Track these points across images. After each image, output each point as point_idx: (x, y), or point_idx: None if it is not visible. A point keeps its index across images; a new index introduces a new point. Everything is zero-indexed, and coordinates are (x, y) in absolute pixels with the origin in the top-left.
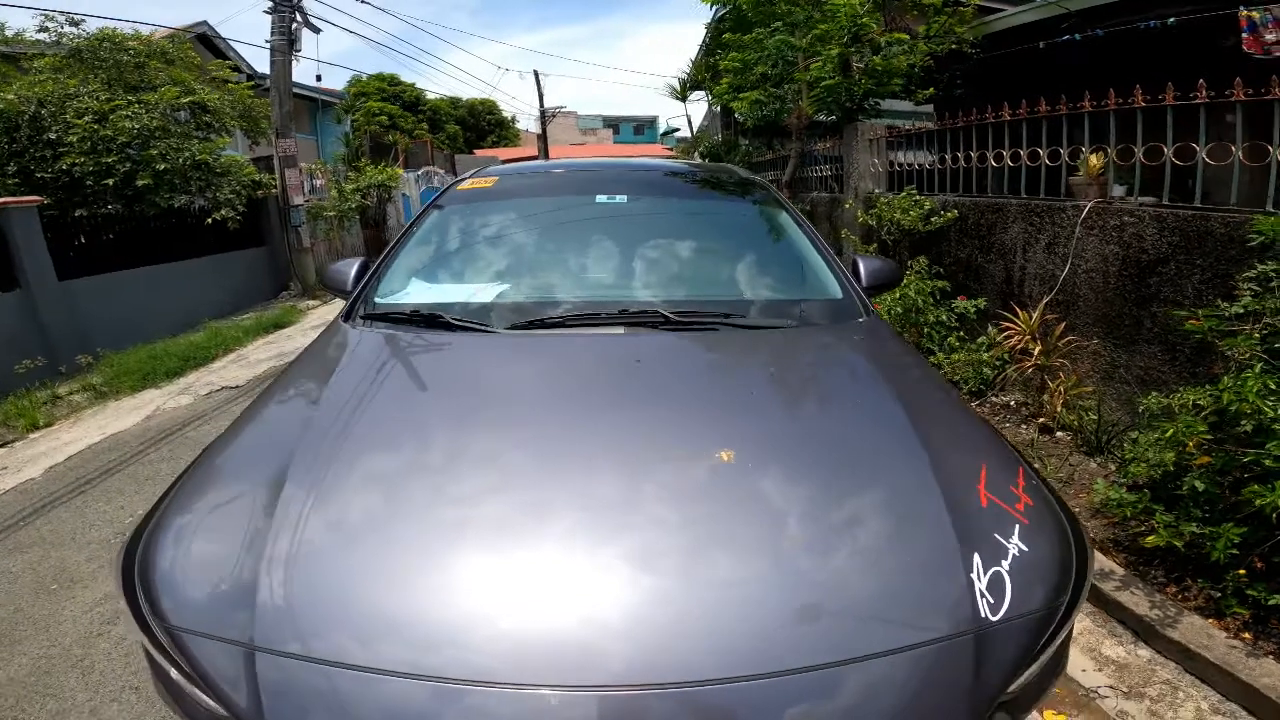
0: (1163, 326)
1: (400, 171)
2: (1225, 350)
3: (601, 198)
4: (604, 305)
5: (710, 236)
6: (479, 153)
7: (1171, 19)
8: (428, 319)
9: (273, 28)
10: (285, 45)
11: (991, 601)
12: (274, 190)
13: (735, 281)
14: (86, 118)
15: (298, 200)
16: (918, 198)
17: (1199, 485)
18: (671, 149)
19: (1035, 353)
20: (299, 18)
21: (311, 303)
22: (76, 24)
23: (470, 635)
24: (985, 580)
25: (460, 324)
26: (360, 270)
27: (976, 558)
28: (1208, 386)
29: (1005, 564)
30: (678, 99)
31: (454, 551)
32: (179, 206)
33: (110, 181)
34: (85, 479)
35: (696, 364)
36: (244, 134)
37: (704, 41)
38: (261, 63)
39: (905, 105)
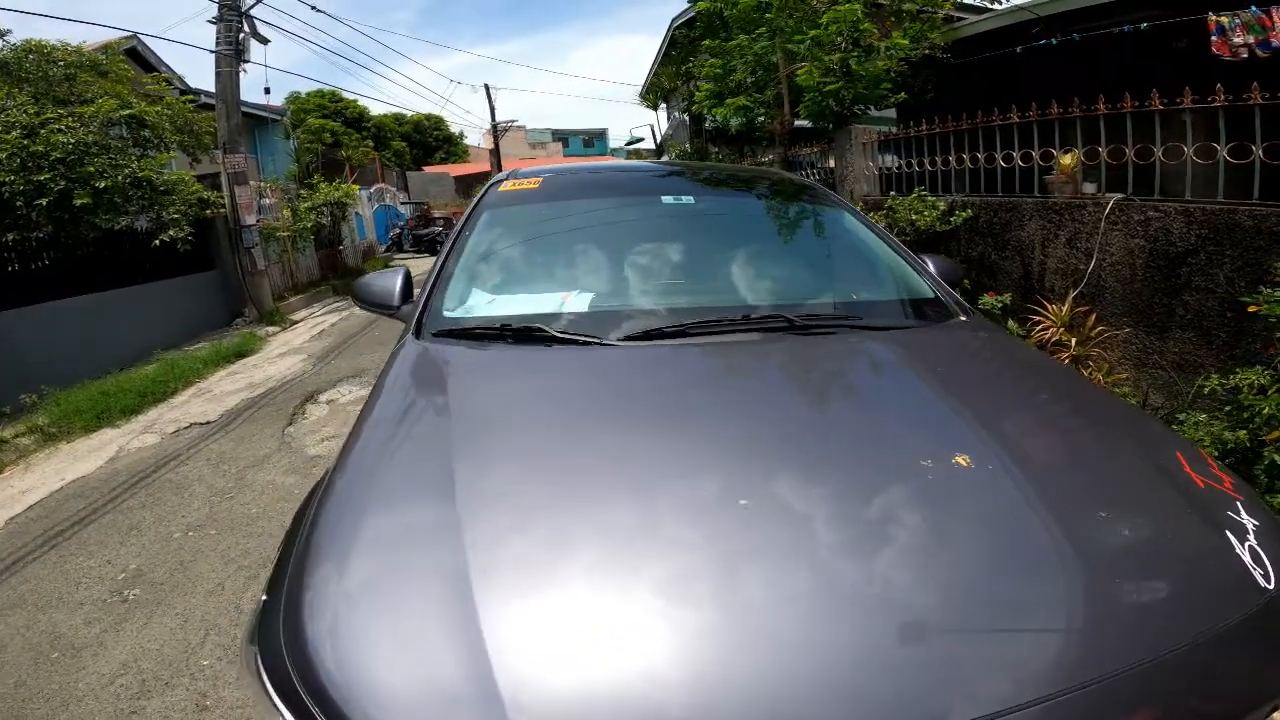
0: (1196, 313)
1: (356, 189)
2: None
3: (668, 199)
4: (724, 311)
5: (789, 238)
6: (428, 169)
7: (1144, 24)
8: (521, 332)
9: (218, 37)
10: (232, 56)
11: (1262, 573)
12: (223, 210)
13: (833, 283)
14: (15, 133)
15: (250, 220)
16: (930, 198)
17: (1278, 459)
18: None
19: (1072, 344)
20: (246, 28)
21: (271, 329)
22: (1, 35)
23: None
24: (1246, 555)
25: (568, 337)
26: (405, 281)
27: (1229, 535)
28: (1259, 367)
29: (1251, 538)
30: (649, 107)
31: (715, 616)
32: (119, 229)
33: (44, 201)
34: (55, 531)
35: (860, 367)
36: (183, 151)
37: (662, 49)
38: (193, 78)
39: (869, 110)
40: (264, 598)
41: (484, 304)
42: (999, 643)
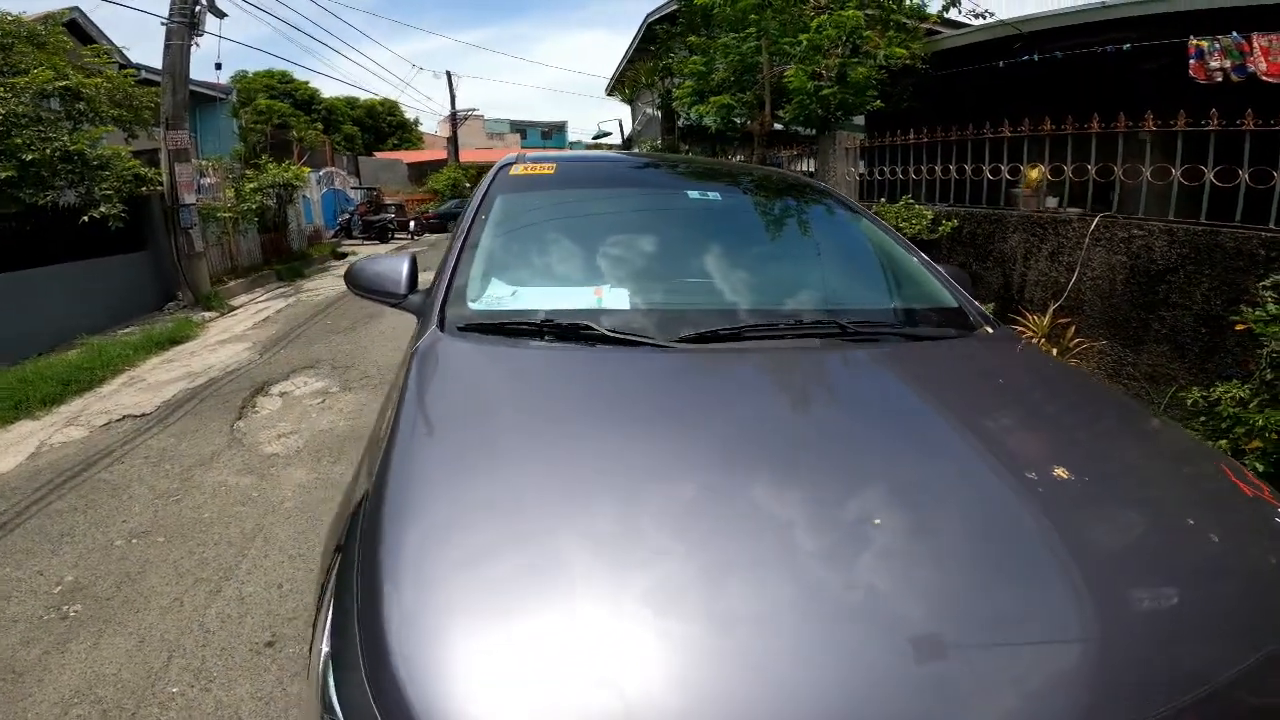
0: (1171, 328)
1: (307, 171)
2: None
3: (694, 194)
4: (775, 315)
5: (819, 241)
6: (380, 155)
7: (1126, 45)
8: (565, 329)
9: (172, 7)
10: (185, 28)
11: None
12: (159, 188)
13: (870, 289)
14: None
15: (189, 199)
16: (917, 206)
17: (1259, 467)
18: None
19: (1052, 354)
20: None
21: (207, 314)
22: None
23: None
24: None
25: (617, 336)
26: (412, 268)
27: None
28: (1234, 381)
29: None
30: (624, 101)
31: (876, 641)
32: (43, 203)
33: None
34: None
35: (924, 379)
36: (119, 126)
37: (633, 44)
38: (133, 53)
39: (850, 117)
40: (324, 649)
41: (508, 296)
42: (1099, 660)
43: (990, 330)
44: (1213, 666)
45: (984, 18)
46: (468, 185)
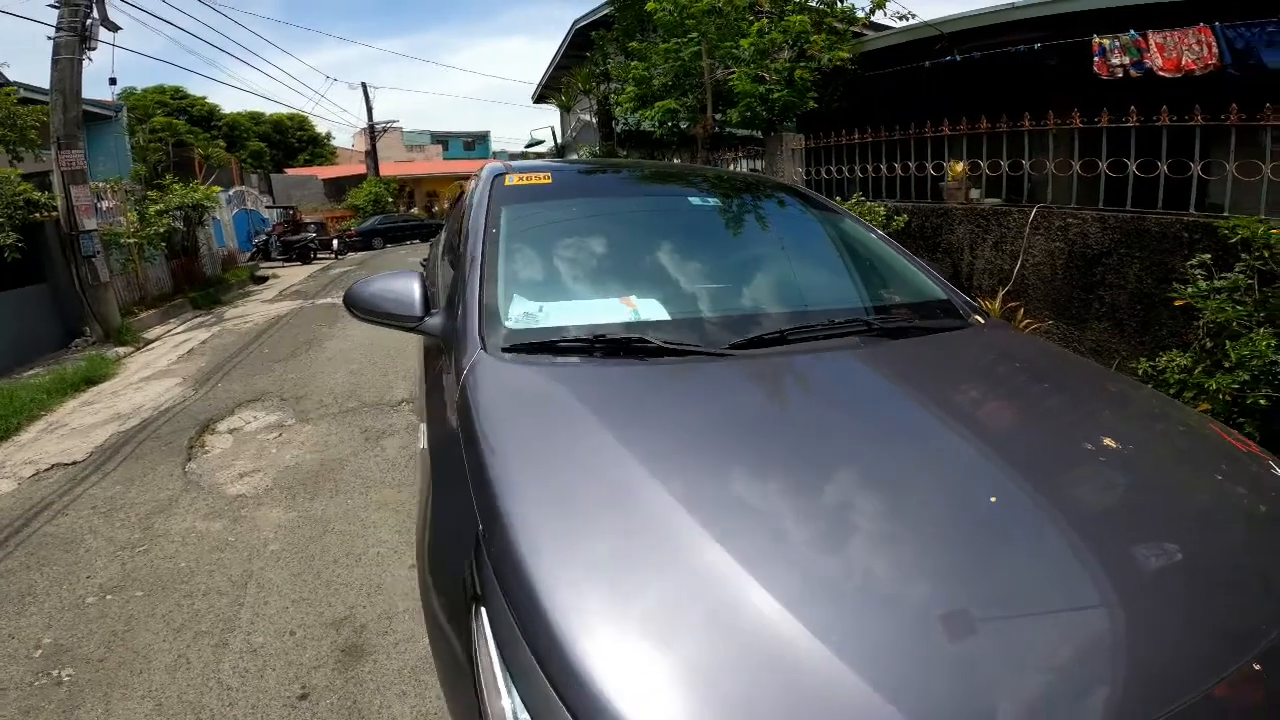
0: (1110, 306)
1: (217, 190)
2: (1219, 320)
3: (695, 200)
4: (809, 316)
5: (819, 242)
6: (292, 171)
7: (1038, 44)
8: (619, 343)
9: (60, 21)
10: (75, 42)
11: None
12: (54, 214)
13: (878, 287)
14: None
15: (90, 224)
16: (868, 203)
17: None
18: None
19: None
20: (95, 12)
21: (121, 350)
22: None
23: None
24: None
25: (675, 347)
26: (423, 286)
27: None
28: (1175, 352)
29: None
30: (562, 108)
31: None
32: None
33: None
34: None
35: (958, 375)
36: (4, 147)
37: (560, 50)
38: (14, 71)
39: (793, 118)
40: (506, 703)
41: (537, 311)
42: (1153, 631)
43: (982, 320)
44: (1257, 625)
45: (908, 19)
46: (390, 200)
